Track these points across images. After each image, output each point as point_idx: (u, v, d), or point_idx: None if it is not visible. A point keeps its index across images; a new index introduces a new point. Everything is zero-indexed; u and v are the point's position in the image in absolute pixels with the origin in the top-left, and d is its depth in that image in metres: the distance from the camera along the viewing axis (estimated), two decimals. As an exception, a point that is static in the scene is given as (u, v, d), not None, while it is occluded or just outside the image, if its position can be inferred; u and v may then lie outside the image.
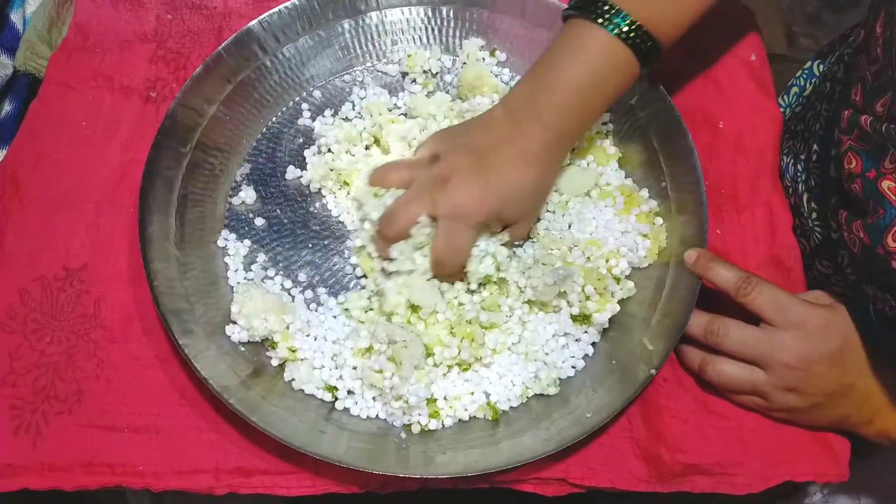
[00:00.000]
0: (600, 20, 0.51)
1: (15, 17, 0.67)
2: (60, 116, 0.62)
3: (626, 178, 0.61)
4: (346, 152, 0.61)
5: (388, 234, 0.52)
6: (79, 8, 0.67)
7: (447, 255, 0.52)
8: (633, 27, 0.50)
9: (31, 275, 0.57)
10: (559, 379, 0.54)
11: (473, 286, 0.54)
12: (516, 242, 0.57)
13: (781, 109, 0.68)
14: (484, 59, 0.65)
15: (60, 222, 0.58)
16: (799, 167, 0.62)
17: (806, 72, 0.70)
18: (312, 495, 0.52)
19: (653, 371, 0.52)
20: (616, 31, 0.51)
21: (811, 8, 1.54)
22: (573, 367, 0.55)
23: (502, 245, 0.54)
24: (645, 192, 0.60)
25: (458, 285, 0.54)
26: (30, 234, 0.58)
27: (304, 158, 0.61)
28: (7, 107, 0.66)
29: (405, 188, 0.54)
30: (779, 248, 0.60)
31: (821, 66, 0.67)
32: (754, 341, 0.52)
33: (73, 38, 0.65)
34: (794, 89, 0.70)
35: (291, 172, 0.61)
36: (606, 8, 0.51)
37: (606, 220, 0.58)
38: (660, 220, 0.59)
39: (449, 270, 0.53)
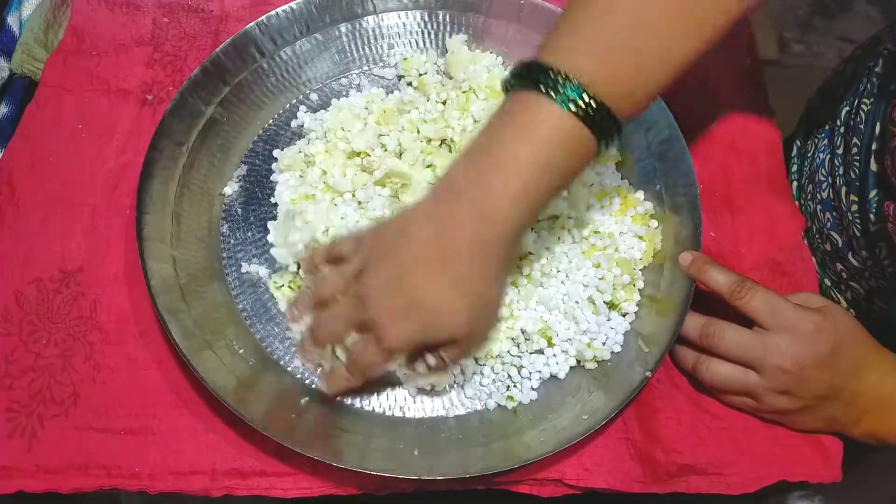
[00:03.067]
0: (551, 92, 0.42)
1: (11, 19, 0.67)
2: (56, 119, 0.62)
3: (621, 179, 0.61)
4: (324, 136, 0.61)
5: (318, 342, 0.50)
6: (75, 11, 0.67)
7: (375, 367, 0.49)
8: (589, 102, 0.42)
9: (27, 277, 0.56)
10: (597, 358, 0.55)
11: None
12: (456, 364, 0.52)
13: (814, 109, 0.68)
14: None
15: (56, 225, 0.58)
16: (836, 161, 0.62)
17: (838, 72, 0.70)
18: (309, 497, 0.52)
19: (648, 373, 0.52)
20: (569, 105, 0.42)
21: (802, 13, 1.55)
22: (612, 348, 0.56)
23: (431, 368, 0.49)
24: (640, 195, 0.60)
25: None
26: (26, 236, 0.58)
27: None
28: (3, 109, 0.66)
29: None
30: (777, 252, 0.61)
31: (850, 67, 0.68)
32: (748, 344, 0.52)
33: (69, 41, 0.65)
34: (826, 89, 0.70)
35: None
36: (557, 78, 0.42)
37: (602, 219, 0.59)
38: (654, 223, 0.59)
39: (377, 375, 0.52)
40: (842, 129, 0.63)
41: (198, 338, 0.52)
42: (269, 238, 0.58)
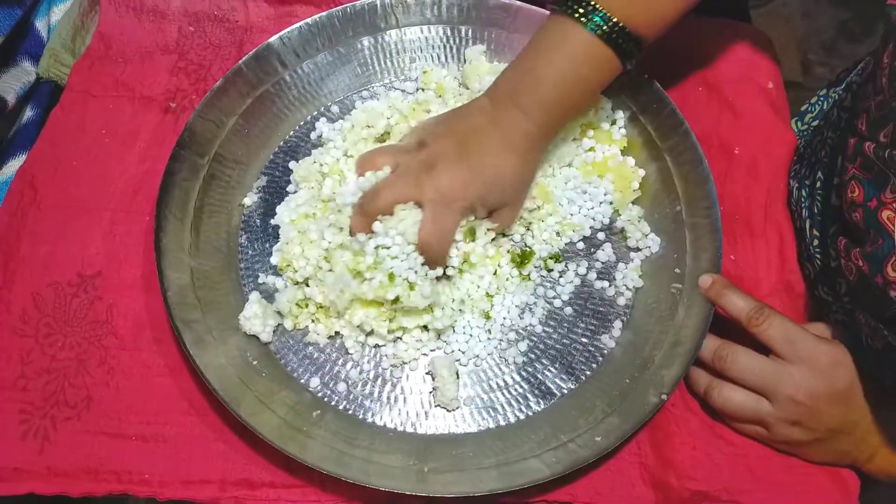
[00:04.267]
0: (581, 18, 0.51)
1: (40, 24, 0.68)
2: (80, 124, 0.63)
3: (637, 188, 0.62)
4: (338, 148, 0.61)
5: (369, 209, 0.53)
6: (103, 17, 0.67)
7: (433, 239, 0.53)
8: (612, 25, 0.51)
9: (46, 280, 0.57)
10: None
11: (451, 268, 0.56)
12: (503, 230, 0.59)
13: (795, 133, 0.68)
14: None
15: (76, 229, 0.59)
16: (804, 193, 0.62)
17: (820, 98, 0.70)
18: (318, 510, 0.52)
19: (664, 396, 0.51)
20: (596, 29, 0.51)
21: (827, 37, 1.54)
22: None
23: (489, 230, 0.56)
24: (641, 172, 0.62)
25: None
26: (46, 239, 0.58)
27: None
28: (28, 113, 0.67)
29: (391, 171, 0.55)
30: (789, 274, 0.60)
31: (834, 94, 0.68)
32: (761, 371, 0.52)
33: (96, 47, 0.66)
34: (808, 115, 0.70)
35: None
36: (586, 5, 0.51)
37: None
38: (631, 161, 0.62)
39: (434, 254, 0.53)
40: (812, 161, 0.62)
41: (211, 348, 0.52)
42: (273, 260, 0.58)
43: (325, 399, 0.54)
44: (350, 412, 0.54)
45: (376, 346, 0.56)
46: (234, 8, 0.69)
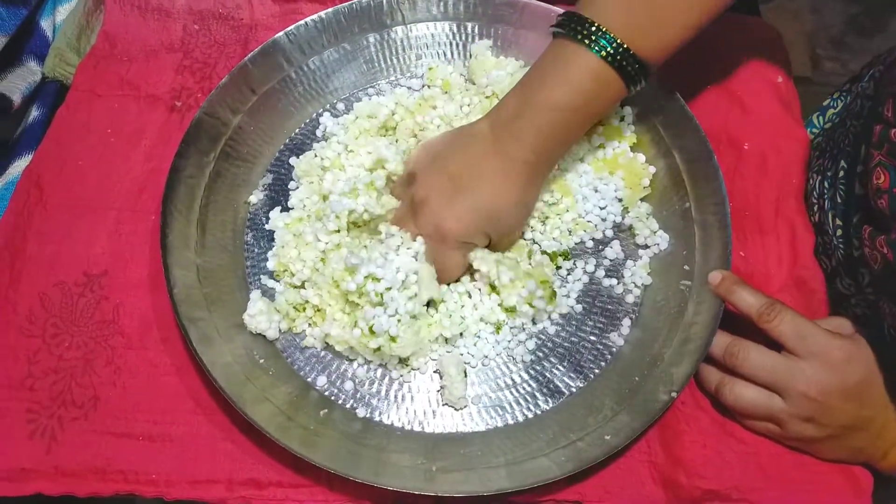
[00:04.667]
0: (586, 41, 0.49)
1: (45, 24, 0.68)
2: (86, 123, 0.63)
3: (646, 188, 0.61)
4: (339, 143, 0.61)
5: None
6: (108, 16, 0.67)
7: (441, 273, 0.54)
8: (618, 49, 0.49)
9: (52, 280, 0.57)
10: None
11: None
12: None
13: (815, 129, 0.67)
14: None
15: (82, 228, 0.59)
16: (826, 184, 0.61)
17: (843, 93, 0.69)
18: (325, 509, 0.52)
19: (674, 394, 0.51)
20: (601, 52, 0.49)
21: (836, 31, 1.53)
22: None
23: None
24: (652, 169, 0.61)
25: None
26: (52, 239, 0.58)
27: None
28: (34, 112, 0.67)
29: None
30: (802, 270, 0.60)
31: (856, 88, 0.67)
32: (773, 368, 0.51)
33: (101, 46, 0.66)
34: (830, 111, 0.69)
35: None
36: (592, 28, 0.49)
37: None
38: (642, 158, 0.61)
39: (447, 281, 0.55)
40: (835, 152, 0.62)
41: (218, 346, 0.52)
42: (269, 265, 0.58)
43: (333, 398, 0.54)
44: (357, 411, 0.54)
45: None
46: (238, 6, 0.69)
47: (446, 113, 0.62)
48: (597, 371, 0.56)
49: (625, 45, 0.49)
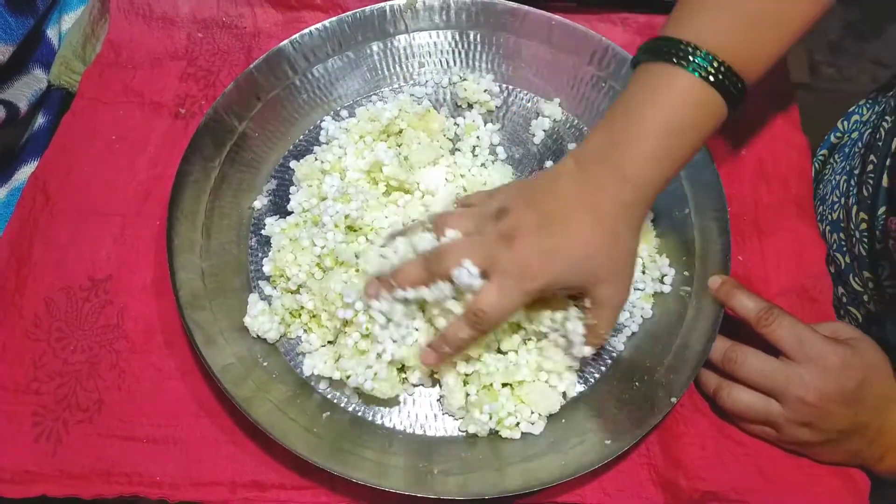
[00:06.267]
0: (682, 62, 0.47)
1: (51, 33, 0.69)
2: (91, 130, 0.64)
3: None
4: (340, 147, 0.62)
5: (435, 269, 0.48)
6: (113, 25, 0.68)
7: (493, 312, 0.47)
8: (718, 67, 0.46)
9: (58, 284, 0.57)
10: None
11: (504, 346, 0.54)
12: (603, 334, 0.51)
13: (838, 134, 0.68)
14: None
15: (88, 233, 0.59)
16: (852, 181, 0.62)
17: (869, 100, 0.70)
18: (328, 511, 0.52)
19: (673, 399, 0.51)
20: (700, 72, 0.46)
21: (834, 37, 1.54)
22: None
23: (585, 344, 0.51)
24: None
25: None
26: (58, 244, 0.59)
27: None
28: (40, 120, 0.68)
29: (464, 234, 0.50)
30: (805, 278, 0.60)
31: (884, 99, 0.68)
32: (771, 372, 0.52)
33: (106, 54, 0.67)
34: (855, 117, 0.70)
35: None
36: (688, 48, 0.47)
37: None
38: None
39: (486, 327, 0.49)
40: (862, 150, 0.62)
41: (222, 349, 0.53)
42: (265, 270, 0.58)
43: (335, 400, 0.54)
44: (359, 414, 0.54)
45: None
46: (242, 14, 0.70)
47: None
48: (597, 376, 0.56)
49: (726, 64, 0.47)
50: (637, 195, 0.48)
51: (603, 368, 0.57)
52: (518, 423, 0.53)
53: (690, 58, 0.46)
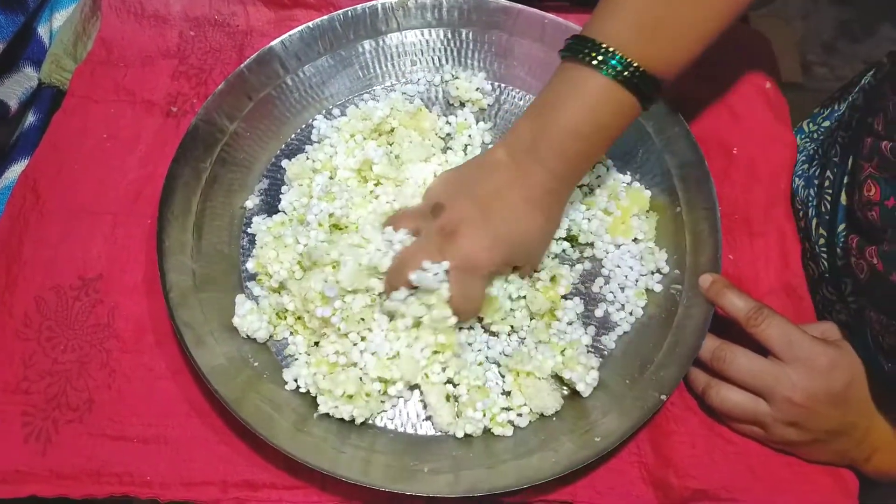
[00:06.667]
0: (594, 63, 0.49)
1: (42, 30, 0.69)
2: (82, 128, 0.63)
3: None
4: (331, 146, 0.62)
5: (395, 283, 0.52)
6: (104, 23, 0.68)
7: (462, 305, 0.52)
8: (630, 69, 0.48)
9: (48, 283, 0.57)
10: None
11: (496, 328, 0.56)
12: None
13: (803, 137, 0.68)
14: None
15: (78, 232, 0.59)
16: (811, 192, 0.62)
17: (833, 101, 0.70)
18: (319, 511, 0.52)
19: (664, 397, 0.52)
20: (612, 73, 0.48)
21: (826, 37, 1.54)
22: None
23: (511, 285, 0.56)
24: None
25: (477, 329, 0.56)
26: (48, 243, 0.59)
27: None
28: (31, 118, 0.67)
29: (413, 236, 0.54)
30: (791, 276, 0.60)
31: (848, 96, 0.68)
32: (759, 372, 0.52)
33: (97, 52, 0.67)
34: (820, 118, 0.70)
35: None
36: (601, 49, 0.49)
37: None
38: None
39: (465, 318, 0.53)
40: (823, 161, 0.62)
41: (212, 349, 0.53)
42: (248, 266, 0.58)
43: (326, 400, 0.54)
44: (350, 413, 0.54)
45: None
46: (234, 13, 0.69)
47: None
48: (588, 374, 0.56)
49: (635, 65, 0.48)
50: (561, 183, 0.53)
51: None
52: (510, 421, 0.53)
53: (607, 60, 0.49)
